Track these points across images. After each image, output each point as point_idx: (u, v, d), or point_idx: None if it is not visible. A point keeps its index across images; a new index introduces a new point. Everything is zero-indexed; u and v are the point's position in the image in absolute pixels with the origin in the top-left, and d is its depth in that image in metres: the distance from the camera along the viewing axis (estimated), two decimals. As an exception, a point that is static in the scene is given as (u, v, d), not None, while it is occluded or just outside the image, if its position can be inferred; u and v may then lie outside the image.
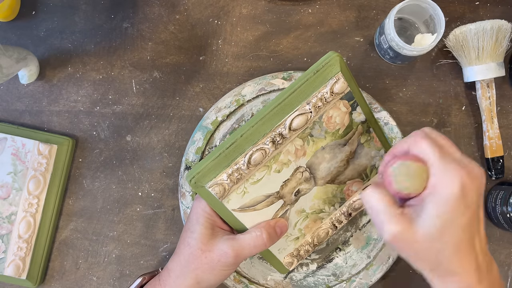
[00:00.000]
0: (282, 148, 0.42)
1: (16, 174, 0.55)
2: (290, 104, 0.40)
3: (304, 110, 0.41)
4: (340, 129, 0.44)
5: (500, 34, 0.51)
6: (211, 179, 0.40)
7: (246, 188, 0.43)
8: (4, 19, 0.58)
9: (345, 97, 0.43)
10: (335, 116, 0.43)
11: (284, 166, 0.43)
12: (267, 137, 0.40)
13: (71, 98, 0.58)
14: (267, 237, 0.43)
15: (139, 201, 0.56)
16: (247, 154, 0.40)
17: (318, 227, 0.49)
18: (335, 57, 0.40)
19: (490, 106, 0.53)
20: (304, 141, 0.43)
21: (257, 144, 0.40)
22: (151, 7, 0.57)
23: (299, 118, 0.41)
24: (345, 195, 0.48)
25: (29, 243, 0.54)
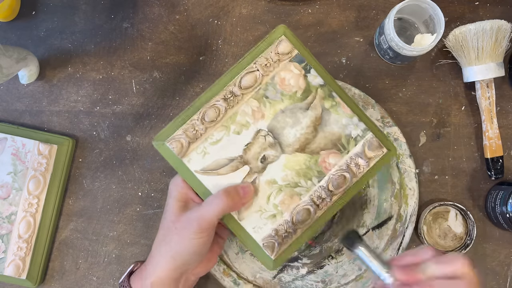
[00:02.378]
0: (237, 109, 0.44)
1: (16, 174, 0.55)
2: (241, 67, 0.44)
3: (251, 68, 0.44)
4: (297, 92, 0.45)
5: (499, 34, 0.51)
6: (169, 136, 0.44)
7: (205, 148, 0.44)
8: (4, 19, 0.58)
9: (294, 59, 0.45)
10: (288, 78, 0.45)
11: (243, 127, 0.44)
12: (219, 95, 0.44)
13: (71, 98, 0.58)
14: (226, 196, 0.42)
15: (139, 201, 0.56)
16: (201, 111, 0.44)
17: (297, 204, 0.46)
18: (279, 27, 0.45)
19: (490, 106, 0.53)
20: (260, 103, 0.45)
21: (210, 102, 0.44)
22: (151, 7, 0.58)
23: (247, 77, 0.44)
24: (322, 167, 0.46)
25: (29, 243, 0.54)
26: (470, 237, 0.52)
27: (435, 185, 0.55)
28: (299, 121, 0.45)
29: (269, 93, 0.45)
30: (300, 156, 0.46)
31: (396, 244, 0.52)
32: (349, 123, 0.46)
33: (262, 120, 0.45)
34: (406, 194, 0.52)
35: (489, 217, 0.54)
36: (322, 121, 0.46)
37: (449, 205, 0.52)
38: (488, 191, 0.54)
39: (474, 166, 0.55)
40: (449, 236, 0.53)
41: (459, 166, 0.55)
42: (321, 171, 0.46)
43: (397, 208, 0.53)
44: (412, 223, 0.52)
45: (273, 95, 0.45)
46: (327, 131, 0.46)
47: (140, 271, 0.45)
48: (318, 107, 0.46)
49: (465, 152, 0.55)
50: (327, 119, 0.46)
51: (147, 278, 0.44)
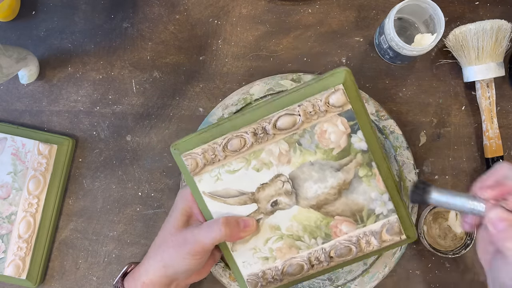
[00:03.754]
0: (264, 145, 0.41)
1: (16, 174, 0.55)
2: (282, 103, 0.40)
3: (293, 111, 0.40)
4: (334, 149, 0.41)
5: (500, 34, 0.51)
6: (188, 150, 0.42)
7: (220, 174, 0.42)
8: (4, 19, 0.58)
9: (344, 114, 0.40)
10: (330, 132, 0.41)
11: (264, 166, 0.42)
12: (250, 127, 0.40)
13: (71, 98, 0.58)
14: (225, 226, 0.41)
15: (139, 201, 0.56)
16: (226, 137, 0.41)
17: (293, 256, 0.44)
18: (342, 70, 0.39)
19: (490, 106, 0.53)
20: (290, 147, 0.41)
21: (238, 131, 0.41)
22: (151, 7, 0.57)
23: (286, 118, 0.40)
24: (332, 232, 0.43)
25: (29, 243, 0.54)
26: (470, 237, 0.52)
27: (436, 185, 0.54)
28: (325, 179, 0.42)
29: (303, 141, 0.41)
30: (313, 213, 0.43)
31: None
32: (377, 199, 0.42)
33: (286, 165, 0.41)
34: (406, 186, 0.52)
35: (489, 217, 0.53)
36: (350, 187, 0.42)
37: (449, 205, 0.52)
38: (488, 191, 0.54)
39: (474, 166, 0.55)
40: (449, 236, 0.53)
41: (459, 166, 0.55)
42: (329, 235, 0.43)
43: None
44: (414, 214, 0.52)
45: (307, 144, 0.41)
46: (351, 198, 0.42)
47: (133, 272, 0.46)
48: (351, 172, 0.42)
49: (465, 152, 0.55)
50: (355, 187, 0.42)
51: (139, 279, 0.44)
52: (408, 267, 0.54)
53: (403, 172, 0.52)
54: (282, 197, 0.42)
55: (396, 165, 0.53)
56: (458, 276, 0.54)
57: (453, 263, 0.54)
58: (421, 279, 0.54)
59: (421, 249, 0.54)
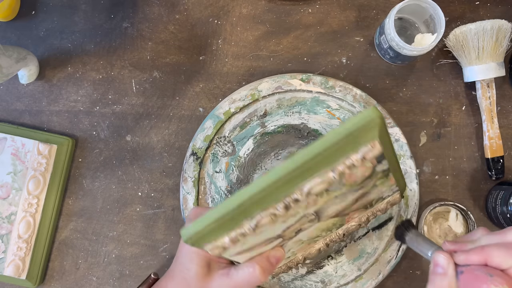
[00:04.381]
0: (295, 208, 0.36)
1: (15, 174, 0.55)
2: (312, 169, 0.33)
3: (328, 177, 0.34)
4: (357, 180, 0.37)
5: (500, 34, 0.51)
6: (211, 241, 0.35)
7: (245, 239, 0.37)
8: (4, 19, 0.58)
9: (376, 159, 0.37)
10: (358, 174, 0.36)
11: (290, 217, 0.37)
12: (280, 203, 0.34)
13: (71, 98, 0.57)
14: (260, 272, 0.39)
15: (139, 201, 0.56)
16: (254, 218, 0.34)
17: (311, 247, 0.47)
18: (375, 119, 0.31)
19: (490, 106, 0.53)
20: (318, 196, 0.36)
21: (267, 209, 0.34)
22: (151, 7, 0.57)
23: (320, 186, 0.34)
24: (345, 222, 0.46)
25: (29, 243, 0.54)
26: (471, 237, 0.52)
27: (436, 185, 0.55)
28: (346, 199, 0.39)
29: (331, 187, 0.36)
30: (331, 220, 0.43)
31: (396, 246, 0.52)
32: (387, 189, 0.42)
33: (313, 206, 0.37)
34: (407, 195, 0.52)
35: (489, 217, 0.53)
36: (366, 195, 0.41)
37: (449, 205, 0.52)
38: (488, 191, 0.54)
39: (474, 166, 0.55)
40: (449, 236, 0.53)
41: (459, 166, 0.55)
42: (342, 224, 0.45)
43: (397, 209, 0.53)
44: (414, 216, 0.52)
45: (335, 187, 0.36)
46: (365, 199, 0.42)
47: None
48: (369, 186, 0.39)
49: (466, 152, 0.55)
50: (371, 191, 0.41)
51: None
52: (408, 267, 0.54)
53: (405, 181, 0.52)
54: (305, 225, 0.41)
55: None
56: (458, 277, 0.54)
57: (454, 263, 0.54)
58: (421, 279, 0.54)
59: (422, 249, 0.54)
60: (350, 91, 0.53)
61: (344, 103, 0.53)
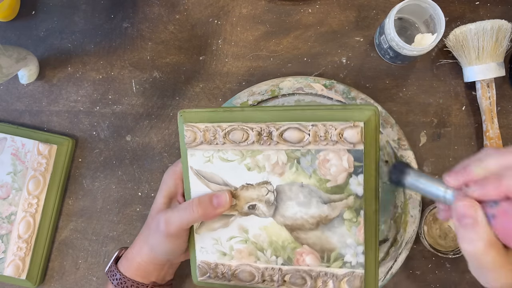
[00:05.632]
0: (264, 149, 0.41)
1: (15, 174, 0.55)
2: (299, 116, 0.39)
3: (304, 128, 0.39)
4: (329, 181, 0.40)
5: (500, 34, 0.51)
6: (192, 122, 0.42)
7: (212, 157, 0.42)
8: (4, 19, 0.58)
9: (353, 153, 0.39)
10: (332, 163, 0.39)
11: (256, 168, 0.41)
12: (257, 125, 0.40)
13: (71, 98, 0.57)
14: (198, 206, 0.40)
15: (139, 201, 0.56)
16: (232, 126, 0.41)
17: (249, 263, 0.43)
18: (370, 108, 0.38)
19: (490, 106, 0.53)
20: (288, 161, 0.40)
21: (245, 124, 0.40)
22: (151, 7, 0.57)
23: (295, 132, 0.39)
24: (295, 258, 0.42)
25: (29, 243, 0.54)
26: (471, 237, 0.52)
27: (436, 185, 0.54)
28: (309, 206, 0.41)
29: (303, 161, 0.40)
30: (284, 232, 0.42)
31: (386, 268, 0.51)
32: (351, 247, 0.41)
33: (278, 176, 0.41)
34: (407, 220, 0.51)
35: (489, 217, 0.53)
36: (329, 224, 0.41)
37: (449, 205, 0.52)
38: (488, 191, 0.54)
39: (474, 166, 0.55)
40: (449, 236, 0.53)
41: (459, 166, 0.55)
42: (291, 259, 0.42)
43: (394, 232, 0.52)
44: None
45: (305, 165, 0.40)
46: (326, 235, 0.41)
47: (126, 253, 0.47)
48: (336, 210, 0.40)
49: (466, 152, 0.55)
50: (335, 226, 0.41)
51: (133, 259, 0.45)
52: (408, 267, 0.54)
53: (408, 206, 0.52)
54: (261, 204, 0.42)
55: (403, 197, 0.52)
56: (458, 276, 0.54)
57: (454, 263, 0.54)
58: (422, 279, 0.54)
59: (422, 250, 0.54)
60: None
61: None
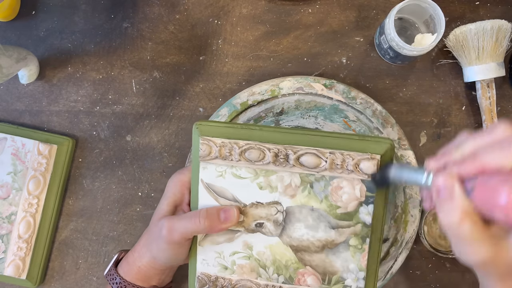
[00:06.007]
0: (279, 170, 0.41)
1: (16, 174, 0.55)
2: (318, 142, 0.40)
3: (322, 154, 0.40)
4: (340, 208, 0.41)
5: (500, 34, 0.51)
6: (208, 136, 0.41)
7: (225, 173, 0.42)
8: (4, 19, 0.58)
9: (367, 183, 0.40)
10: (344, 191, 0.41)
11: (268, 187, 0.42)
12: (275, 147, 0.41)
13: (71, 98, 0.57)
14: (204, 218, 0.40)
15: (139, 201, 0.56)
16: (249, 144, 0.41)
17: (250, 279, 0.44)
18: (387, 142, 0.40)
19: (490, 106, 0.53)
20: (302, 185, 0.41)
21: (263, 144, 0.41)
22: (151, 7, 0.57)
23: (312, 157, 0.40)
24: (296, 278, 0.43)
25: (29, 243, 0.54)
26: (471, 237, 0.52)
27: (436, 185, 0.54)
28: (317, 230, 0.42)
29: (316, 186, 0.41)
30: (289, 252, 0.43)
31: (386, 268, 0.51)
32: (353, 272, 0.42)
33: (289, 198, 0.42)
34: (407, 220, 0.51)
35: (489, 217, 0.53)
36: (335, 248, 0.42)
37: (449, 205, 0.52)
38: (488, 191, 0.54)
39: (474, 166, 0.55)
40: (449, 236, 0.53)
41: (459, 166, 0.55)
42: (292, 279, 0.43)
43: (394, 232, 0.52)
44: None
45: (318, 191, 0.41)
46: (330, 258, 0.43)
47: (127, 257, 0.46)
48: (343, 236, 0.42)
49: (466, 152, 0.55)
50: (340, 251, 0.42)
51: (134, 263, 0.45)
52: (409, 267, 0.54)
53: (408, 206, 0.52)
54: (269, 223, 0.42)
55: (403, 197, 0.52)
56: (458, 276, 0.54)
57: (454, 263, 0.54)
58: (422, 279, 0.54)
59: (422, 250, 0.54)
60: (371, 106, 0.52)
61: (362, 116, 0.52)
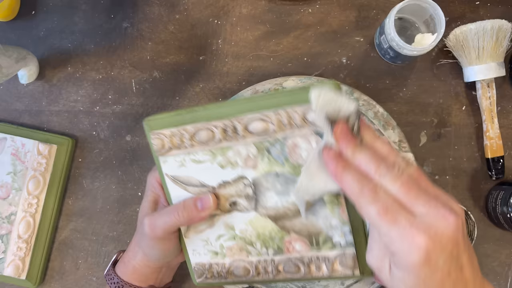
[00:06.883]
0: (232, 144, 0.40)
1: (15, 174, 0.55)
2: (261, 105, 0.38)
3: (267, 117, 0.38)
4: (303, 166, 0.38)
5: (500, 34, 0.51)
6: (157, 129, 0.41)
7: (185, 161, 0.41)
8: (4, 19, 0.58)
9: (320, 133, 0.37)
10: (302, 148, 0.38)
11: (229, 164, 0.41)
12: (221, 122, 0.39)
13: (71, 98, 0.57)
14: (182, 211, 0.41)
15: (139, 201, 0.56)
16: (196, 127, 0.40)
17: (241, 259, 0.43)
18: (328, 82, 0.37)
19: (491, 106, 0.53)
20: (259, 152, 0.39)
21: (209, 123, 0.40)
22: (151, 7, 0.57)
23: (258, 123, 0.38)
24: (284, 247, 0.42)
25: (29, 243, 0.54)
26: (471, 237, 0.52)
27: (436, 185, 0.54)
28: (288, 194, 0.40)
29: (273, 150, 0.39)
30: (269, 223, 0.42)
31: None
32: (337, 228, 0.40)
33: (252, 169, 0.40)
34: None
35: (489, 218, 0.53)
36: (312, 208, 0.40)
37: (449, 205, 0.52)
38: (488, 191, 0.54)
39: (474, 166, 0.55)
40: (449, 236, 0.53)
41: (459, 166, 0.55)
42: (281, 249, 0.42)
43: None
44: None
45: (276, 155, 0.39)
46: (310, 220, 0.41)
47: (123, 257, 0.47)
48: None
49: (466, 152, 0.55)
50: (317, 210, 0.40)
51: (129, 262, 0.46)
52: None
53: None
54: (241, 200, 0.41)
55: None
56: (458, 277, 0.54)
57: (454, 264, 0.54)
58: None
59: (422, 250, 0.54)
60: (373, 107, 0.52)
61: (364, 117, 0.52)
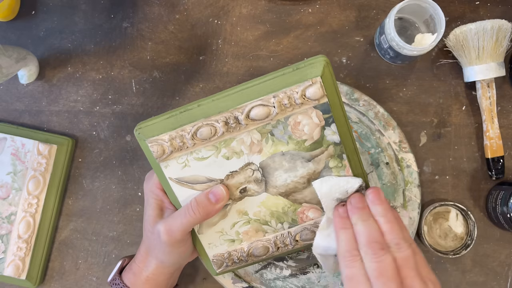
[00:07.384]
0: (236, 135, 0.40)
1: (15, 174, 0.55)
2: (257, 92, 0.38)
3: (268, 102, 0.38)
4: (307, 141, 0.40)
5: (500, 34, 0.51)
6: (153, 136, 0.40)
7: (188, 161, 0.41)
8: (4, 19, 0.58)
9: (320, 107, 0.39)
10: (304, 124, 0.40)
11: (234, 155, 0.41)
12: (221, 116, 0.39)
13: (71, 98, 0.57)
14: (197, 209, 0.40)
15: (139, 201, 0.56)
16: (196, 125, 0.39)
17: (259, 239, 0.45)
18: (320, 60, 0.38)
19: (491, 106, 0.53)
20: (263, 137, 0.40)
21: (209, 119, 0.39)
22: (151, 7, 0.57)
23: (260, 109, 0.38)
24: (298, 218, 0.44)
25: (29, 243, 0.54)
26: (471, 237, 0.52)
27: (436, 185, 0.54)
28: (296, 169, 0.42)
29: (276, 132, 0.40)
30: (281, 200, 0.43)
31: None
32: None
33: (257, 154, 0.41)
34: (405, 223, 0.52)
35: (489, 217, 0.53)
36: (319, 176, 0.42)
37: (449, 205, 0.52)
38: (488, 191, 0.54)
39: (474, 166, 0.55)
40: (449, 236, 0.53)
41: (459, 166, 0.55)
42: (295, 220, 0.44)
43: None
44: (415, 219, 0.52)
45: (279, 135, 0.40)
46: None
47: (131, 268, 0.46)
48: (321, 163, 0.41)
49: (466, 152, 0.55)
50: (324, 177, 0.42)
51: (141, 274, 0.45)
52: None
53: (407, 208, 0.52)
54: (251, 185, 0.42)
55: (402, 199, 0.52)
56: (459, 276, 0.54)
57: (454, 263, 0.54)
58: (422, 280, 0.54)
59: (422, 250, 0.54)
60: (374, 108, 0.52)
61: (364, 118, 0.52)
